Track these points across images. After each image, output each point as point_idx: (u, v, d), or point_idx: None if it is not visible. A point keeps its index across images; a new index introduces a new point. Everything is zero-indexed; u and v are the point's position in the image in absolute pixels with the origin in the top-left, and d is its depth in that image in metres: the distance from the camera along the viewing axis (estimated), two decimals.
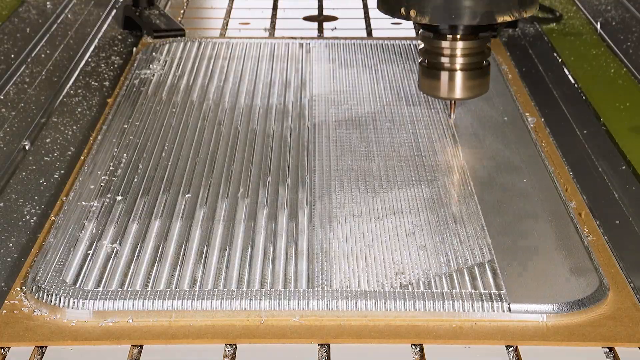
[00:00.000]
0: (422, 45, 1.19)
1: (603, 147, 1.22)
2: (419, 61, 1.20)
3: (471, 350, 0.84)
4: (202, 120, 1.25)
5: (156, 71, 1.42)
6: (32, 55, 1.53)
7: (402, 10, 1.12)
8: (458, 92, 1.18)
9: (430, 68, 1.18)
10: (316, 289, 0.90)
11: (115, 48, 1.57)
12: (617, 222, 1.05)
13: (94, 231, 0.99)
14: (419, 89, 1.22)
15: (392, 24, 1.67)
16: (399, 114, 1.28)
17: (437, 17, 1.13)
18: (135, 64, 1.45)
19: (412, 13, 1.12)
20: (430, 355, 0.84)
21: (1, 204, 1.08)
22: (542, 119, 1.29)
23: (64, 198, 1.07)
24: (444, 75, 1.18)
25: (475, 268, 0.93)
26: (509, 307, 0.87)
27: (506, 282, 0.91)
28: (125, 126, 1.23)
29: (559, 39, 1.61)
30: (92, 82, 1.43)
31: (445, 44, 1.16)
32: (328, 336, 0.86)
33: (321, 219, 1.02)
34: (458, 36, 1.16)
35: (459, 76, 1.18)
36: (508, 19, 1.12)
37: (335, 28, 1.67)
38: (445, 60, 1.17)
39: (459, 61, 1.17)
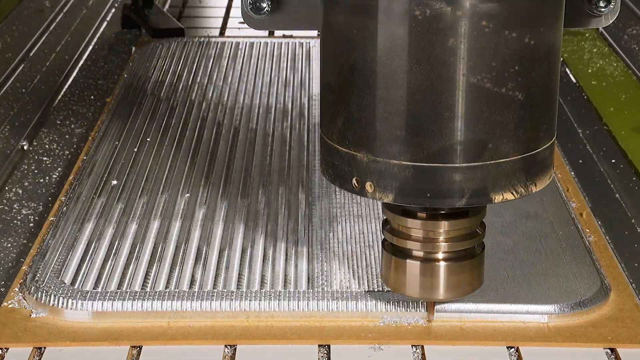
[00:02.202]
0: (385, 220, 0.84)
1: (604, 147, 1.22)
2: (382, 241, 0.86)
3: (472, 351, 0.84)
4: (201, 120, 1.25)
5: (155, 70, 1.41)
6: (31, 54, 1.53)
7: (354, 181, 0.78)
8: (440, 292, 0.83)
9: (398, 256, 0.83)
10: (316, 289, 0.89)
11: (114, 47, 1.57)
12: (619, 222, 1.05)
13: (92, 231, 0.98)
14: (382, 281, 0.87)
15: None
16: None
17: (404, 196, 0.77)
18: (134, 64, 1.45)
19: (369, 187, 0.77)
20: (430, 355, 0.83)
21: None
22: None
23: (63, 198, 1.07)
24: (418, 268, 0.83)
25: None
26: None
27: (507, 282, 0.90)
28: (124, 126, 1.23)
29: None
30: (91, 82, 1.42)
31: (419, 224, 0.81)
32: (328, 337, 0.85)
33: (321, 219, 1.01)
34: (439, 214, 0.81)
35: (441, 270, 0.83)
36: (509, 197, 0.78)
37: None
38: (418, 246, 0.82)
39: (442, 248, 0.82)
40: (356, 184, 0.78)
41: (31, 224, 1.04)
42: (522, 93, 0.75)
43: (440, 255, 0.82)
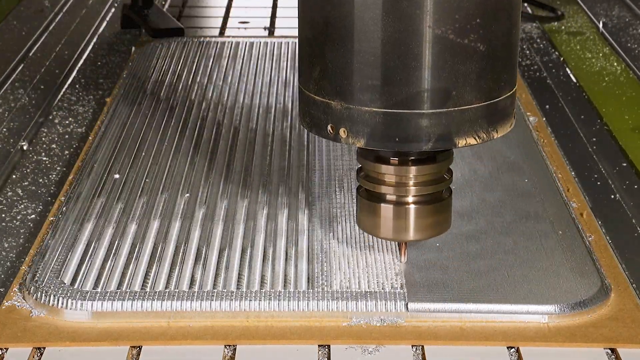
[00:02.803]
0: (359, 167, 0.91)
1: (605, 147, 1.21)
2: (357, 188, 0.92)
3: (472, 351, 0.84)
4: (201, 120, 1.25)
5: (155, 70, 1.41)
6: (30, 54, 1.53)
7: (329, 128, 0.84)
8: (410, 233, 0.90)
9: (372, 200, 0.90)
10: (316, 289, 0.89)
11: (114, 47, 1.56)
12: (619, 222, 1.04)
13: (92, 231, 0.98)
14: (357, 225, 0.93)
15: None
16: None
17: (375, 141, 0.83)
18: (134, 63, 1.45)
19: (342, 133, 0.83)
20: (431, 356, 0.83)
21: None
22: (544, 119, 1.28)
23: (62, 198, 1.07)
24: (390, 211, 0.89)
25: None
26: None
27: (507, 282, 0.90)
28: (124, 126, 1.22)
29: (561, 38, 1.60)
30: (91, 82, 1.42)
31: (390, 169, 0.87)
32: (328, 337, 0.85)
33: (321, 219, 1.01)
34: (409, 160, 0.87)
35: (411, 212, 0.89)
36: (472, 142, 0.84)
37: None
38: (390, 190, 0.88)
39: (411, 192, 0.88)
40: (331, 131, 0.84)
41: (31, 224, 1.04)
42: (484, 44, 0.81)
43: (409, 199, 0.88)
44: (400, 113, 0.82)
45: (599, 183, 1.13)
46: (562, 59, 1.51)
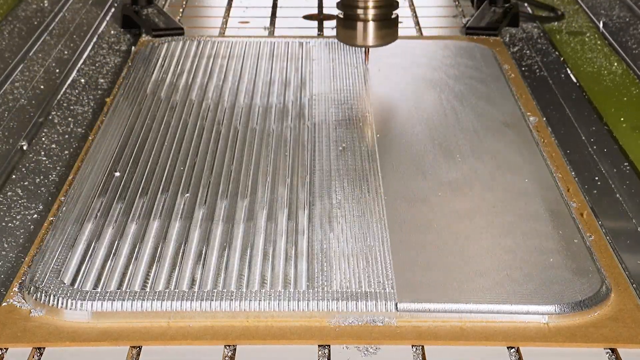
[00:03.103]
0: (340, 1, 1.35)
1: (605, 147, 1.21)
2: (337, 15, 1.36)
3: (472, 351, 0.84)
4: (201, 120, 1.25)
5: (155, 70, 1.41)
6: (30, 54, 1.53)
7: None
8: (371, 40, 1.35)
9: (347, 19, 1.35)
10: (316, 289, 0.89)
11: (114, 47, 1.56)
12: (619, 222, 1.04)
13: (92, 231, 0.98)
14: (337, 38, 1.39)
15: None
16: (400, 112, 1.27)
17: None
18: (133, 63, 1.44)
19: None
20: (431, 356, 0.83)
21: None
22: (544, 119, 1.28)
23: (62, 198, 1.07)
24: (359, 26, 1.34)
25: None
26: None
27: (507, 282, 0.90)
28: (124, 126, 1.22)
29: (561, 38, 1.60)
30: (90, 81, 1.42)
31: None
32: (328, 337, 0.85)
33: (321, 219, 1.01)
34: None
35: (371, 26, 1.34)
36: None
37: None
38: (359, 12, 1.34)
39: (371, 12, 1.34)
40: None
41: (31, 224, 1.04)
42: None
43: (371, 17, 1.34)
44: None
45: (599, 183, 1.13)
46: (562, 59, 1.51)
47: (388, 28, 1.36)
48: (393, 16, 1.36)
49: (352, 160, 1.14)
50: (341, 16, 1.36)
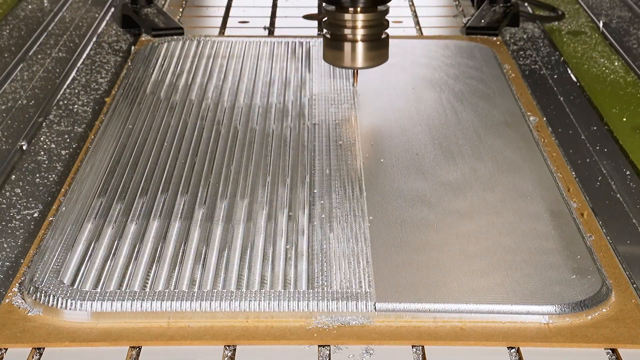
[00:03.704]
0: (325, 19, 1.27)
1: (605, 147, 1.21)
2: (323, 34, 1.29)
3: (473, 352, 0.84)
4: (201, 120, 1.24)
5: (154, 70, 1.41)
6: (30, 53, 1.53)
7: None
8: (360, 62, 1.28)
9: (334, 40, 1.27)
10: (316, 289, 0.89)
11: (114, 47, 1.56)
12: (620, 222, 1.04)
13: (92, 231, 0.98)
14: (324, 60, 1.31)
15: (393, 22, 1.67)
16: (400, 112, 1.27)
17: None
18: (133, 63, 1.44)
19: None
20: (431, 356, 0.83)
21: None
22: (544, 119, 1.28)
23: (62, 198, 1.07)
24: (347, 47, 1.27)
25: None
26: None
27: (507, 282, 0.90)
28: (123, 126, 1.22)
29: (561, 38, 1.60)
30: (90, 81, 1.42)
31: (347, 16, 1.25)
32: (328, 338, 0.85)
33: (321, 219, 1.01)
34: (358, 9, 1.24)
35: (360, 47, 1.26)
36: None
37: None
38: (347, 32, 1.26)
39: (360, 33, 1.26)
40: None
41: (30, 224, 1.04)
42: None
43: (359, 37, 1.26)
44: None
45: (599, 183, 1.13)
46: (562, 58, 1.51)
47: (378, 49, 1.28)
48: (383, 36, 1.29)
49: (352, 160, 1.13)
50: (328, 36, 1.28)
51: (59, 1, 1.77)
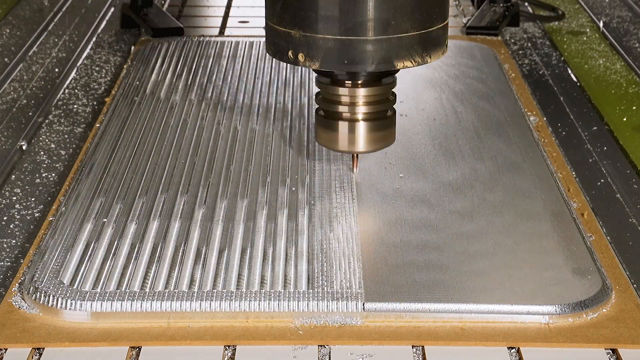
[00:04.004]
0: (317, 92, 1.07)
1: (606, 147, 1.21)
2: (316, 110, 1.08)
3: (473, 352, 0.84)
4: (200, 120, 1.24)
5: (154, 70, 1.41)
6: (29, 53, 1.53)
7: (290, 53, 1.00)
8: (360, 145, 1.06)
9: (329, 118, 1.05)
10: (316, 289, 0.89)
11: (113, 47, 1.56)
12: (620, 222, 1.04)
13: (91, 232, 0.98)
14: (315, 140, 1.10)
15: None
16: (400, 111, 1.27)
17: (327, 63, 0.99)
18: (133, 63, 1.44)
19: (301, 57, 0.99)
20: (431, 356, 0.83)
21: None
22: (544, 118, 1.28)
23: (62, 198, 1.07)
24: (344, 127, 1.05)
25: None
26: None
27: (508, 282, 0.90)
28: (123, 125, 1.22)
29: (561, 38, 1.60)
30: (90, 81, 1.42)
31: (344, 90, 1.03)
32: (328, 338, 0.85)
33: (321, 219, 1.01)
34: (358, 83, 1.03)
35: (361, 127, 1.05)
36: (409, 65, 1.00)
37: None
38: (344, 109, 1.04)
39: (361, 110, 1.04)
40: (291, 56, 1.00)
41: (30, 224, 1.04)
42: None
43: (360, 116, 1.04)
44: (348, 39, 0.98)
45: (600, 183, 1.12)
46: (562, 58, 1.51)
47: (383, 130, 1.06)
48: (389, 113, 1.06)
49: (351, 159, 1.13)
50: (321, 113, 1.06)
51: (59, 0, 1.77)
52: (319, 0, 0.97)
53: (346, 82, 1.03)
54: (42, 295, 0.88)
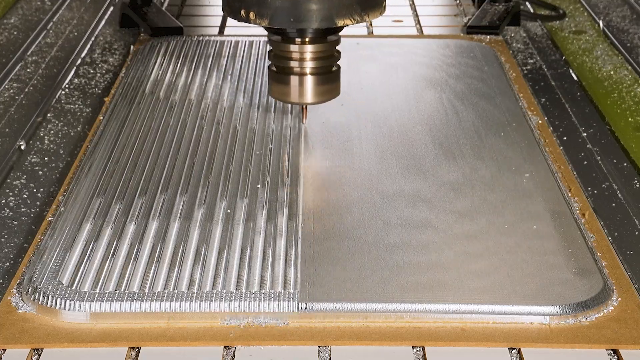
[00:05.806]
0: (269, 50, 1.17)
1: (607, 147, 1.21)
2: (268, 66, 1.18)
3: (473, 352, 0.83)
4: (200, 119, 1.24)
5: (154, 69, 1.40)
6: (28, 53, 1.52)
7: (242, 12, 1.10)
8: (309, 97, 1.16)
9: (280, 73, 1.15)
10: (316, 290, 0.89)
11: (113, 46, 1.56)
12: (621, 222, 1.04)
13: (90, 232, 0.98)
14: (269, 95, 1.19)
15: (393, 21, 1.66)
16: (401, 111, 1.27)
17: (276, 20, 1.09)
18: (132, 62, 1.44)
19: (252, 15, 1.09)
20: (432, 356, 0.83)
21: None
22: (545, 118, 1.28)
23: (61, 198, 1.06)
24: (294, 80, 1.15)
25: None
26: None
27: (508, 283, 0.90)
28: (123, 125, 1.22)
29: (562, 37, 1.60)
30: (89, 81, 1.42)
31: (293, 47, 1.13)
32: (328, 338, 0.85)
33: (321, 219, 1.01)
34: (307, 39, 1.12)
35: (309, 80, 1.15)
36: (349, 22, 1.09)
37: None
38: (295, 64, 1.14)
39: (309, 65, 1.14)
40: (243, 14, 1.10)
41: (29, 224, 1.03)
42: None
43: (308, 70, 1.14)
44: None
45: (601, 183, 1.12)
46: (563, 58, 1.51)
47: (329, 83, 1.16)
48: (334, 69, 1.17)
49: (352, 159, 1.13)
50: (274, 69, 1.16)
51: (57, 0, 1.76)
52: None
53: (295, 39, 1.12)
54: (41, 295, 0.87)
